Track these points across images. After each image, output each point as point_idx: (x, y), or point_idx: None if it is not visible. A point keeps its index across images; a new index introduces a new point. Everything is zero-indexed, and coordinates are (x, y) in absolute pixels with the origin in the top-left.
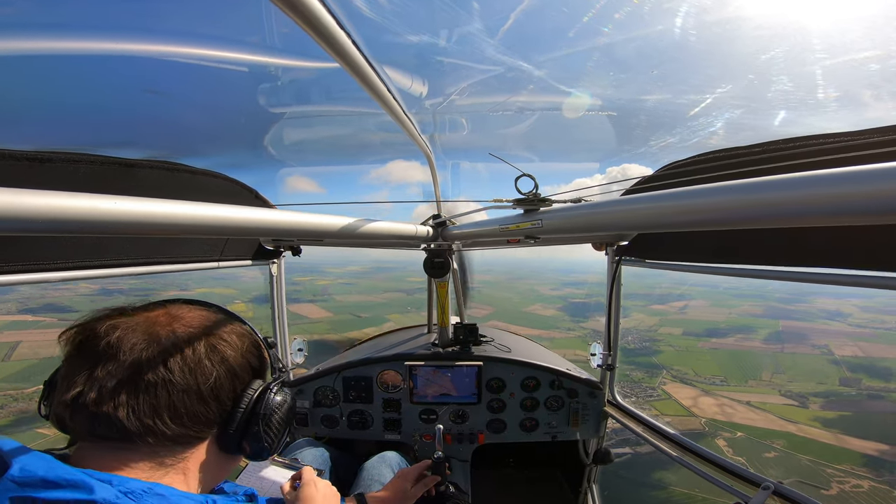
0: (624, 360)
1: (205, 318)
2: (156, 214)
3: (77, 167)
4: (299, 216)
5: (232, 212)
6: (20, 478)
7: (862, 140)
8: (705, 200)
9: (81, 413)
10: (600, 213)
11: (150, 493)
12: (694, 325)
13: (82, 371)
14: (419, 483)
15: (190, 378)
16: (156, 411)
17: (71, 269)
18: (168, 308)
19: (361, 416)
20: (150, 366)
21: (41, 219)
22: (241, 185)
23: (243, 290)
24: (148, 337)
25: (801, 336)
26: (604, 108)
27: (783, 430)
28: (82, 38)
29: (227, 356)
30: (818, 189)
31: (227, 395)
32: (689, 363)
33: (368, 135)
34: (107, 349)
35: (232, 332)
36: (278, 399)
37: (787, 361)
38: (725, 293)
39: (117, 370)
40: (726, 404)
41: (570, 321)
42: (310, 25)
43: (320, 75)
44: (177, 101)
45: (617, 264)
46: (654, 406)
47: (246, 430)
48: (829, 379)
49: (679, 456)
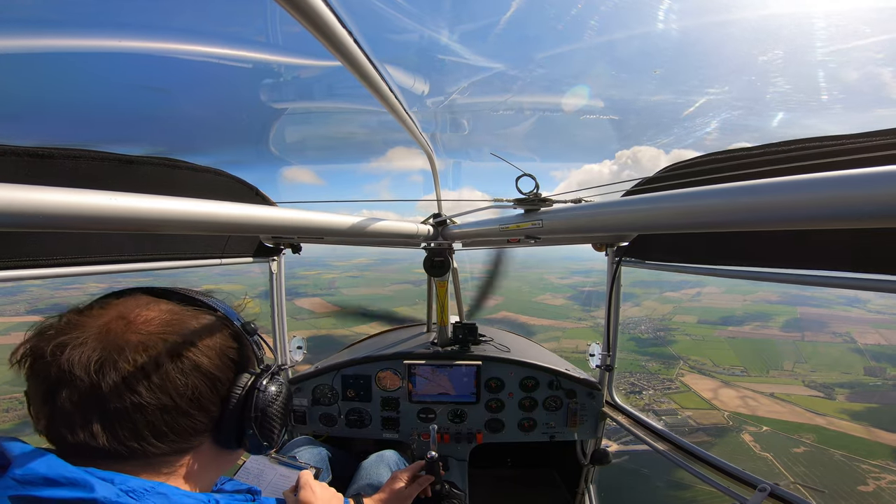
0: (637, 351)
1: (165, 318)
2: (156, 211)
3: (78, 163)
4: (300, 214)
5: (232, 209)
6: (21, 475)
7: (863, 143)
8: (706, 202)
9: (61, 444)
10: (601, 214)
11: (151, 492)
12: (709, 313)
13: (43, 401)
14: (414, 483)
15: (161, 395)
16: (137, 434)
17: (72, 266)
18: (121, 307)
19: (359, 415)
20: (114, 391)
21: (42, 215)
22: (241, 183)
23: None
24: (101, 354)
25: (820, 323)
26: (604, 108)
27: (812, 423)
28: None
29: (199, 362)
30: (820, 192)
31: (211, 401)
32: (707, 353)
33: (370, 133)
34: (59, 375)
35: (201, 329)
36: (272, 390)
37: (808, 350)
38: (737, 279)
39: (78, 398)
40: (749, 396)
41: (581, 310)
42: (312, 24)
43: (322, 73)
44: (178, 98)
45: (617, 265)
46: (674, 399)
47: (241, 428)
48: (853, 368)
49: (676, 457)
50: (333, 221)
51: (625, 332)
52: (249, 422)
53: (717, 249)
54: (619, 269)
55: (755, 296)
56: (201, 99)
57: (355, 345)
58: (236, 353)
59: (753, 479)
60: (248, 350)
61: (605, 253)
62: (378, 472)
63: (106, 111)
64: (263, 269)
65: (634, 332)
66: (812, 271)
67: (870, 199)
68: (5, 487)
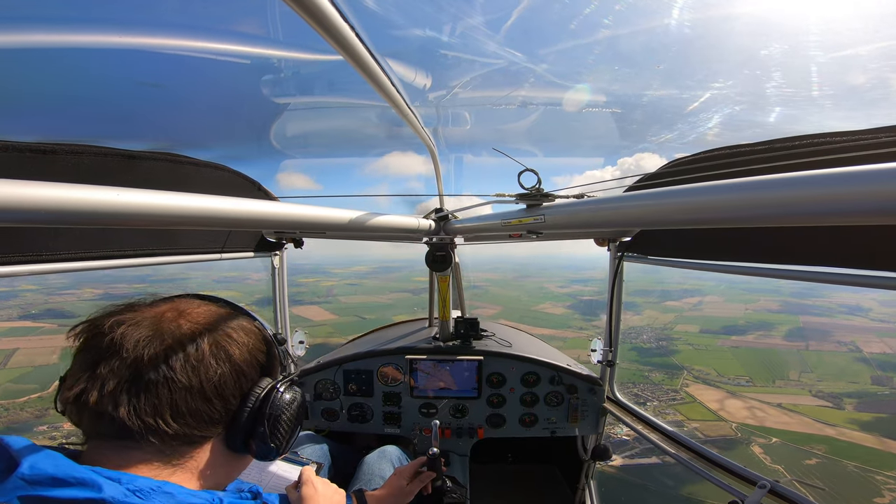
0: (640, 361)
1: (213, 314)
2: (159, 206)
3: (80, 159)
4: (302, 208)
5: (234, 204)
6: (30, 476)
7: (868, 139)
8: (709, 198)
9: (84, 411)
10: (603, 209)
11: (157, 492)
12: (711, 322)
13: (86, 368)
14: (416, 479)
15: (192, 376)
16: (157, 410)
17: (74, 261)
18: (176, 303)
19: (361, 410)
20: (152, 363)
21: (45, 210)
22: (243, 177)
23: (247, 292)
24: (152, 333)
25: (824, 332)
26: (607, 102)
27: (822, 434)
28: (87, 31)
29: (232, 354)
30: (823, 188)
31: (233, 393)
32: (711, 363)
33: (372, 127)
34: (110, 346)
35: (240, 328)
36: (287, 397)
37: (813, 359)
38: (736, 287)
39: (119, 368)
40: (756, 407)
41: (582, 319)
42: (313, 18)
43: (324, 68)
44: (180, 93)
45: (619, 260)
46: (680, 410)
47: (253, 430)
48: (860, 378)
49: (677, 453)
50: (335, 216)
51: (626, 342)
52: (263, 420)
53: (721, 245)
54: (622, 264)
55: (756, 305)
56: (203, 94)
57: (357, 339)
58: (264, 356)
59: (753, 476)
60: (274, 359)
61: (608, 248)
62: (381, 467)
63: (108, 107)
64: (261, 277)
65: (636, 342)
66: (817, 268)
67: (877, 196)
68: (14, 488)
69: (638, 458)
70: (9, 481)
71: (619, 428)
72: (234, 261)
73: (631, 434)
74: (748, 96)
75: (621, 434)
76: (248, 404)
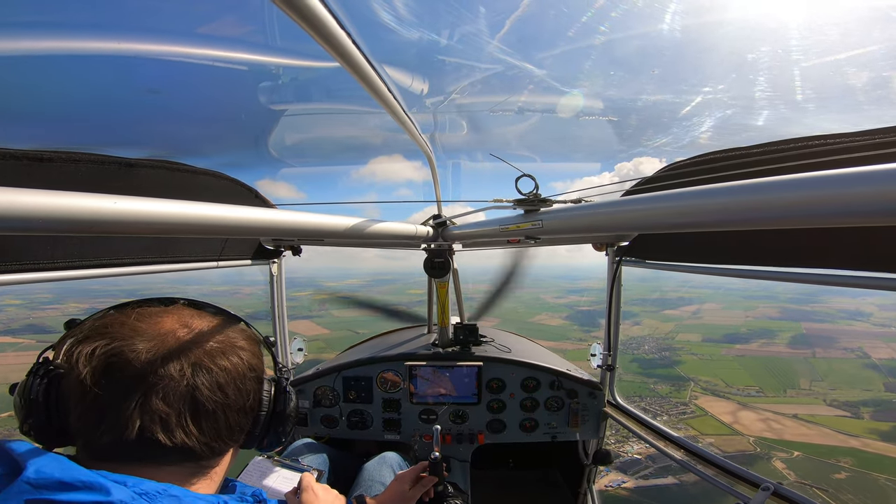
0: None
1: (218, 327)
2: (156, 214)
3: (77, 166)
4: (300, 216)
5: (232, 211)
6: (36, 480)
7: (864, 141)
8: (706, 201)
9: (143, 445)
10: (601, 214)
11: (164, 495)
12: (712, 331)
13: (132, 404)
14: (417, 485)
15: (239, 397)
16: (218, 432)
17: (70, 269)
18: (175, 316)
19: (361, 417)
20: (207, 392)
21: (41, 218)
22: (241, 185)
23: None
24: (191, 360)
25: (829, 339)
26: (604, 108)
27: (846, 445)
28: (83, 38)
29: (254, 366)
30: (820, 190)
31: (256, 402)
32: (718, 373)
33: (368, 134)
34: (154, 379)
35: (245, 338)
36: (289, 392)
37: (822, 367)
38: (733, 294)
39: (175, 400)
40: (771, 419)
41: (580, 330)
42: (309, 25)
43: (321, 75)
44: (177, 100)
45: (617, 265)
46: (691, 425)
47: (269, 429)
48: (873, 385)
49: (679, 457)
50: (334, 223)
51: (628, 353)
52: (275, 421)
53: (719, 249)
54: (620, 268)
55: (756, 312)
56: (200, 101)
57: (356, 346)
58: (261, 360)
59: (756, 479)
60: (263, 359)
61: (606, 253)
62: (381, 473)
63: (106, 114)
64: (252, 290)
65: (638, 353)
66: (814, 270)
67: (874, 197)
68: (20, 492)
69: (653, 478)
70: (14, 485)
71: (629, 446)
72: (226, 275)
73: (643, 452)
74: (740, 100)
75: (632, 453)
76: (263, 408)
